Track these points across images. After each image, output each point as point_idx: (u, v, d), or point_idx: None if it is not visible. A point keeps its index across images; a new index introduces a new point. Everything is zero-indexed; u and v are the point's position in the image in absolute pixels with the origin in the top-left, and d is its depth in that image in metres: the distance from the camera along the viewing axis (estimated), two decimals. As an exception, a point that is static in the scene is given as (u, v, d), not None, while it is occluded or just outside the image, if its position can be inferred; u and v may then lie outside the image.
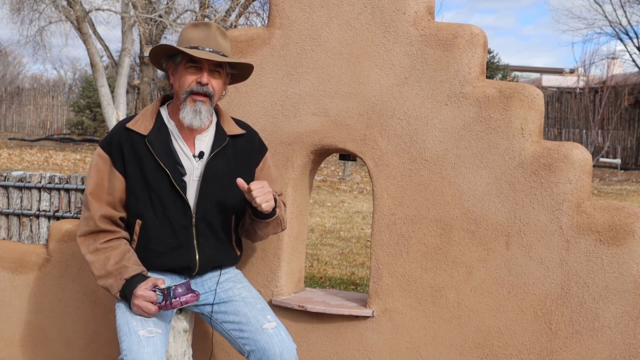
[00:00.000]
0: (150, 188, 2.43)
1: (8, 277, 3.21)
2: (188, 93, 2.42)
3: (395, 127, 2.69)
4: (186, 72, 2.43)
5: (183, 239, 2.47)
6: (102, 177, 2.46)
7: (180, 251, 2.47)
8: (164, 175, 2.42)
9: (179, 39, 2.48)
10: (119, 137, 2.46)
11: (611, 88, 19.80)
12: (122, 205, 2.48)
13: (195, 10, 17.76)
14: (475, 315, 2.60)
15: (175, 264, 2.49)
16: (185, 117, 2.42)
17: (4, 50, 34.02)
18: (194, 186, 2.47)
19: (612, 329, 2.43)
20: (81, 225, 2.48)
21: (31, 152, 17.18)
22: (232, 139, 2.55)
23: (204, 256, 2.50)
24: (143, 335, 2.29)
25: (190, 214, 2.46)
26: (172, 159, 2.44)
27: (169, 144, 2.46)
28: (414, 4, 2.66)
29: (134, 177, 2.44)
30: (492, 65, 26.09)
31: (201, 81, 2.41)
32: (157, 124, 2.48)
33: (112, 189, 2.45)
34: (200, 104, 2.42)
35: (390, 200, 2.70)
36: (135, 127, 2.46)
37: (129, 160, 2.44)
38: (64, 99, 27.74)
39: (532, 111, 2.52)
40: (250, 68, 2.58)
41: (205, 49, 2.41)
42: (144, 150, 2.43)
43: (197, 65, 2.42)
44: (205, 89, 2.42)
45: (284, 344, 2.41)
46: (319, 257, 6.45)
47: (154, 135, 2.45)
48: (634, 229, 2.40)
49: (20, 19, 18.49)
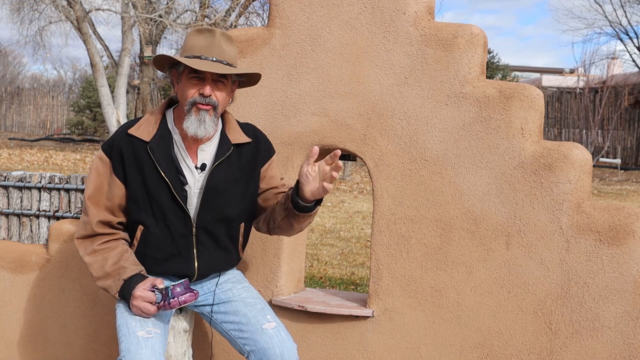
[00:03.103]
0: (151, 196, 2.39)
1: (8, 277, 3.21)
2: (191, 104, 2.35)
3: (395, 127, 2.69)
4: (188, 83, 2.35)
5: (182, 247, 2.44)
6: (101, 181, 2.43)
7: (179, 259, 2.45)
8: (165, 184, 2.38)
9: (183, 46, 2.40)
10: (120, 144, 2.41)
11: (611, 88, 19.80)
12: (120, 210, 2.45)
13: (195, 10, 17.76)
14: (475, 315, 2.60)
15: (174, 272, 2.47)
16: (190, 126, 2.34)
17: (4, 50, 34.03)
18: (195, 197, 2.43)
19: (612, 329, 2.43)
20: (79, 228, 2.47)
21: (31, 152, 17.18)
22: (236, 148, 2.47)
23: (203, 264, 2.48)
24: (141, 336, 2.29)
25: (190, 223, 2.43)
26: (173, 168, 2.39)
27: (170, 152, 2.40)
28: (414, 4, 2.66)
29: (135, 184, 2.40)
30: (492, 65, 26.09)
31: (204, 93, 2.34)
32: (161, 130, 2.42)
33: (111, 195, 2.42)
34: (204, 113, 2.34)
35: (390, 200, 2.70)
36: (138, 133, 2.40)
37: (129, 168, 2.39)
38: (64, 99, 27.74)
39: (532, 111, 2.52)
40: (258, 75, 2.50)
41: (209, 59, 2.33)
42: (146, 157, 2.38)
43: (200, 75, 2.35)
44: (209, 100, 2.35)
45: (284, 344, 2.40)
46: (319, 257, 6.45)
47: (156, 143, 2.39)
48: (634, 229, 2.40)
49: (20, 19, 18.49)
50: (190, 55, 2.35)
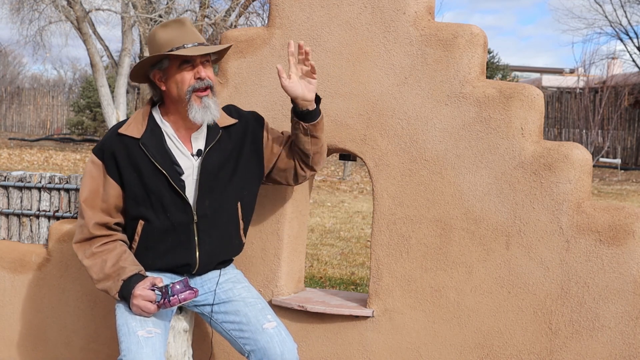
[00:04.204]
0: (150, 191, 2.42)
1: (8, 277, 3.21)
2: (190, 92, 2.40)
3: (395, 127, 2.69)
4: (181, 73, 2.41)
5: (184, 237, 2.46)
6: (96, 185, 2.46)
7: (181, 249, 2.47)
8: (162, 176, 2.42)
9: (155, 45, 2.43)
10: (112, 145, 2.45)
11: (611, 88, 19.80)
12: (117, 211, 2.47)
13: (195, 10, 17.75)
14: (475, 315, 2.60)
15: (175, 262, 2.49)
16: (196, 116, 2.40)
17: (4, 50, 34.02)
18: (193, 184, 2.46)
19: (612, 329, 2.43)
20: (77, 232, 2.50)
21: (31, 152, 17.18)
22: (225, 131, 2.53)
23: (204, 253, 2.50)
24: (142, 336, 2.29)
25: (190, 211, 2.45)
26: (168, 159, 2.44)
27: (163, 144, 2.45)
28: (414, 4, 2.66)
29: (132, 182, 2.43)
30: (492, 65, 26.08)
31: (200, 76, 2.41)
32: (150, 125, 2.47)
33: (106, 196, 2.44)
34: (205, 99, 2.41)
35: (390, 200, 2.70)
36: (128, 131, 2.45)
37: (124, 167, 2.43)
38: (64, 99, 27.75)
39: (532, 111, 2.52)
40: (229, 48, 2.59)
41: (193, 44, 2.40)
42: (140, 154, 2.42)
43: (190, 63, 2.41)
44: (206, 82, 2.42)
45: (285, 344, 2.41)
46: (319, 257, 6.45)
47: (147, 138, 2.44)
48: (634, 229, 2.40)
49: (20, 19, 18.49)
50: (173, 48, 2.39)
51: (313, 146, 2.51)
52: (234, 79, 2.93)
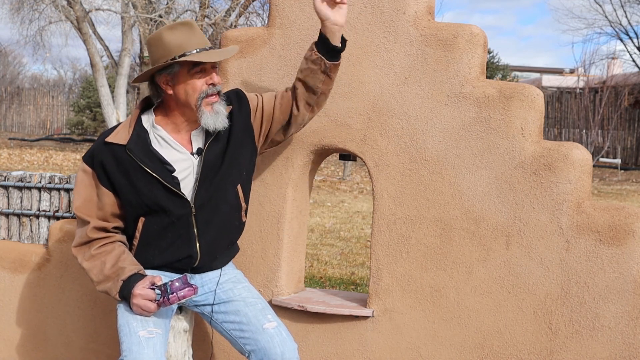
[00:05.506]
0: (144, 195, 2.42)
1: (8, 277, 3.22)
2: (202, 98, 2.39)
3: (395, 127, 2.69)
4: (193, 78, 2.39)
5: (183, 230, 2.46)
6: (89, 193, 2.46)
7: (181, 242, 2.47)
8: (153, 178, 2.41)
9: (162, 48, 2.39)
10: (100, 154, 2.44)
11: (611, 88, 19.80)
12: (114, 217, 2.48)
13: (195, 10, 17.76)
14: (475, 315, 2.60)
15: (177, 256, 2.49)
16: (208, 122, 2.40)
17: (4, 50, 34.02)
18: (190, 180, 2.45)
19: (612, 329, 2.43)
20: (75, 238, 2.51)
21: (31, 152, 17.18)
22: None
23: (205, 243, 2.50)
24: (143, 336, 2.30)
25: (188, 205, 2.45)
26: (156, 160, 2.42)
27: (149, 146, 2.43)
28: (414, 4, 2.66)
29: (125, 189, 2.42)
30: (492, 65, 26.10)
31: (213, 82, 2.41)
32: (136, 130, 2.45)
33: (101, 204, 2.45)
34: (216, 105, 2.41)
35: (390, 200, 2.70)
36: (115, 139, 2.43)
37: (114, 176, 2.42)
38: (64, 99, 27.77)
39: (532, 111, 2.52)
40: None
41: (205, 49, 2.39)
42: (128, 160, 2.41)
43: (202, 67, 2.40)
44: (218, 87, 2.43)
45: (285, 344, 2.41)
46: (319, 257, 6.45)
47: (133, 143, 2.42)
48: (634, 229, 2.40)
49: (20, 19, 18.50)
50: (187, 52, 2.37)
51: (324, 85, 2.52)
52: (234, 79, 2.93)
